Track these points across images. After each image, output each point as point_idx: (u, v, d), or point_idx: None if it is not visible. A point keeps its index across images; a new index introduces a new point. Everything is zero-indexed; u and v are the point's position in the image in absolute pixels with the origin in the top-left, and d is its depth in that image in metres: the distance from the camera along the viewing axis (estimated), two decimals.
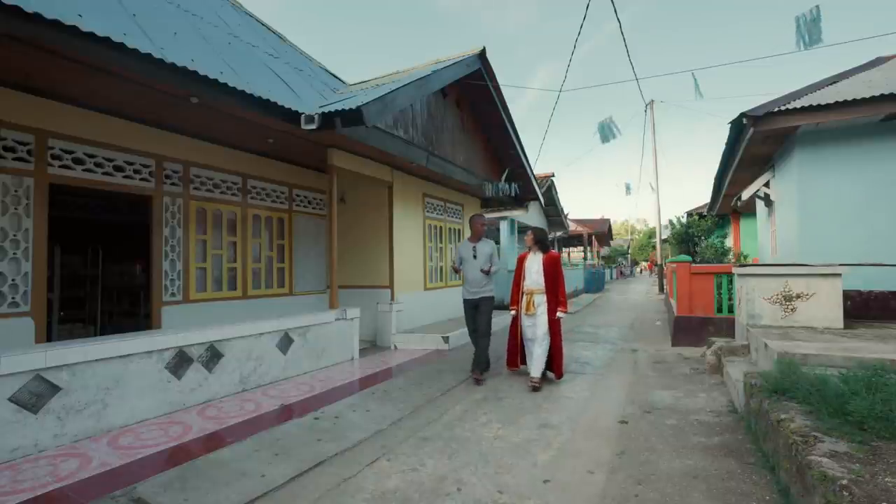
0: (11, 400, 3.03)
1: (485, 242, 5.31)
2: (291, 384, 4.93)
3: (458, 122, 8.63)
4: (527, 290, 4.94)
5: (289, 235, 7.28)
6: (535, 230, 5.12)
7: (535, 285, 4.90)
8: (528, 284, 4.94)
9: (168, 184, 5.54)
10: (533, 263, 4.98)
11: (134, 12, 4.51)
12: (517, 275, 5.08)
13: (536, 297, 4.89)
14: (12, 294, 4.17)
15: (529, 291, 4.92)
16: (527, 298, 4.92)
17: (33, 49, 3.40)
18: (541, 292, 4.88)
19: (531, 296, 4.90)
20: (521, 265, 5.09)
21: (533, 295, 4.90)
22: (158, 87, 4.14)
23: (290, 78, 6.52)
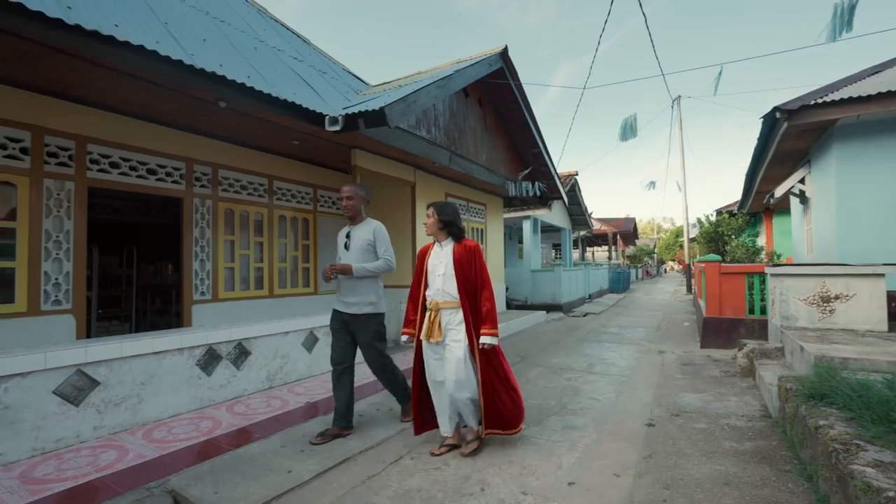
0: (56, 393, 3.18)
1: (365, 224, 3.57)
2: (317, 382, 5.01)
3: (480, 121, 8.61)
4: (429, 302, 3.13)
5: (314, 235, 7.40)
6: (439, 205, 3.23)
7: (440, 295, 3.07)
8: (431, 294, 3.13)
9: (197, 186, 5.70)
10: (438, 260, 3.16)
11: (166, 20, 4.66)
12: (415, 279, 3.30)
13: (445, 314, 3.06)
14: (55, 293, 4.37)
15: (433, 305, 3.09)
16: (429, 317, 3.10)
17: (75, 59, 3.55)
18: (452, 306, 3.05)
19: (435, 313, 3.07)
20: (420, 264, 3.30)
21: (439, 311, 3.06)
22: (189, 93, 4.27)
23: (314, 80, 6.62)
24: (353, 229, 3.61)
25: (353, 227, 3.62)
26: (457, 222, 3.20)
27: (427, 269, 3.22)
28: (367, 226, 3.58)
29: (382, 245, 3.54)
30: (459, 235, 3.20)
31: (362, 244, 3.50)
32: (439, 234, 3.22)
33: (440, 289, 3.09)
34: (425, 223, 3.24)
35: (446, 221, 3.19)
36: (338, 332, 3.56)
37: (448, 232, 3.20)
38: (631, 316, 11.53)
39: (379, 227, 3.58)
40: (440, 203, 3.25)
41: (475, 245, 3.16)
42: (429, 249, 3.29)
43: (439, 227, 3.20)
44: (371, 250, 3.52)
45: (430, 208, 3.23)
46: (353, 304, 3.48)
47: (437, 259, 3.18)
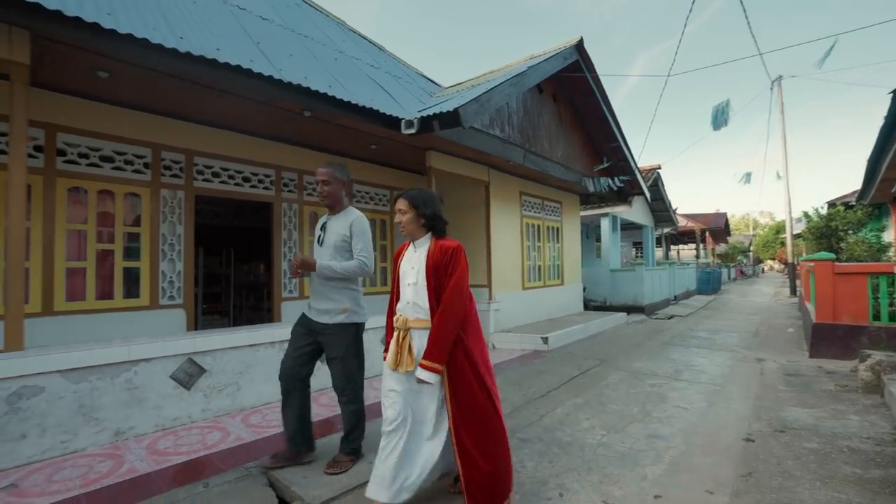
0: (171, 377, 3.60)
1: (344, 216, 2.93)
2: None
3: (554, 117, 8.39)
4: (396, 319, 2.41)
5: (390, 236, 7.66)
6: (415, 195, 2.45)
7: (411, 310, 2.37)
8: (400, 308, 2.43)
9: (286, 191, 6.15)
10: (410, 265, 2.44)
11: (258, 40, 5.08)
12: (392, 288, 2.57)
13: (417, 335, 2.34)
14: (170, 289, 4.94)
15: (401, 323, 2.37)
16: (397, 338, 2.36)
17: (185, 82, 4.00)
18: (424, 325, 2.33)
19: (404, 333, 2.35)
20: (395, 269, 2.58)
21: (409, 332, 2.35)
22: (278, 105, 4.62)
23: (390, 86, 6.85)
24: (329, 220, 2.97)
25: (331, 218, 2.97)
26: (441, 215, 2.45)
27: (399, 275, 2.51)
28: (344, 217, 2.90)
29: (359, 242, 2.83)
30: (442, 230, 2.46)
31: (336, 239, 2.85)
32: (418, 232, 2.45)
33: (410, 302, 2.37)
34: (398, 220, 2.46)
35: (429, 216, 2.41)
36: (297, 336, 2.92)
37: (429, 228, 2.44)
38: (723, 319, 10.60)
39: (358, 220, 2.87)
40: (416, 192, 2.45)
41: (456, 246, 2.35)
42: (403, 251, 2.55)
43: (421, 224, 2.43)
44: (346, 247, 2.85)
45: (403, 200, 2.42)
46: (325, 312, 2.84)
47: (409, 264, 2.43)
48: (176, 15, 4.36)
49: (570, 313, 9.82)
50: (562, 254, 9.86)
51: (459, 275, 2.28)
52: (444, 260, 2.32)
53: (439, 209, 2.46)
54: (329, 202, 2.94)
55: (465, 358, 2.27)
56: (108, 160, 4.61)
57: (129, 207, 4.77)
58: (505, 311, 7.57)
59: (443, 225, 2.46)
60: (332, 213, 2.98)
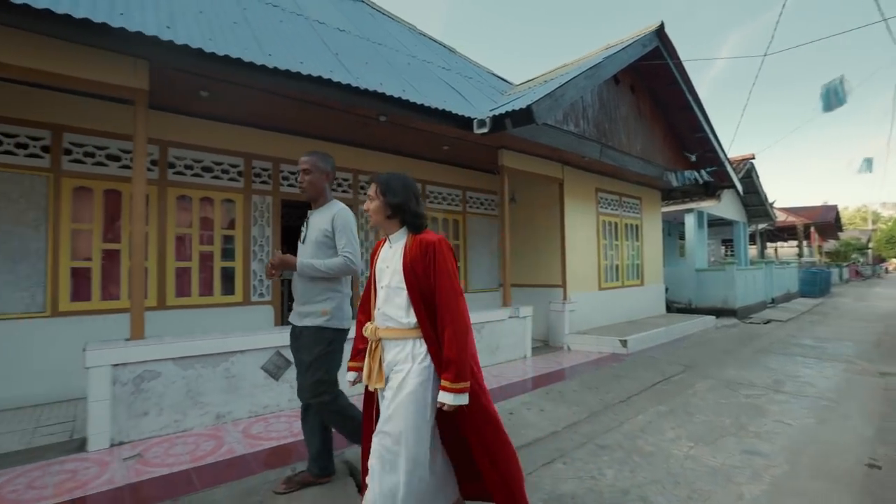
0: (262, 368, 3.91)
1: (326, 209, 2.65)
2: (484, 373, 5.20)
3: (633, 108, 7.96)
4: (366, 328, 2.07)
5: (463, 236, 7.73)
6: (383, 179, 2.07)
7: (381, 318, 2.03)
8: (376, 314, 2.06)
9: (362, 193, 6.42)
10: (385, 265, 2.07)
11: (336, 51, 5.35)
12: (366, 289, 2.21)
13: (390, 348, 2.01)
14: (260, 287, 5.37)
15: (371, 333, 2.03)
16: (369, 350, 2.06)
17: (276, 96, 4.32)
18: (396, 335, 1.99)
19: (376, 344, 2.03)
20: (371, 268, 2.19)
21: (380, 343, 2.03)
22: (355, 111, 4.84)
23: (462, 86, 6.90)
24: (311, 214, 2.70)
25: (313, 213, 2.70)
26: (410, 204, 2.01)
27: (374, 275, 2.13)
28: (327, 211, 2.62)
29: (343, 237, 2.54)
30: (417, 225, 2.03)
31: (317, 235, 2.58)
32: (387, 224, 2.06)
33: (381, 310, 2.01)
34: (365, 207, 2.11)
35: (395, 205, 2.00)
36: (293, 349, 2.70)
37: (402, 221, 2.04)
38: (833, 326, 9.42)
39: (341, 213, 2.58)
40: (388, 176, 2.06)
41: (437, 239, 1.95)
42: (379, 247, 2.18)
43: (386, 215, 2.03)
44: (328, 244, 2.56)
45: (373, 184, 2.06)
46: (305, 315, 2.57)
47: (384, 262, 2.06)
48: (265, 34, 4.72)
49: (651, 315, 9.27)
50: (641, 252, 9.34)
51: (448, 274, 1.92)
52: (423, 258, 1.92)
53: (411, 199, 2.02)
54: (310, 194, 2.65)
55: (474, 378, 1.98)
56: (208, 170, 5.12)
57: (225, 212, 5.26)
58: (580, 312, 7.32)
59: (414, 219, 2.02)
60: (315, 206, 2.70)
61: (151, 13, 3.78)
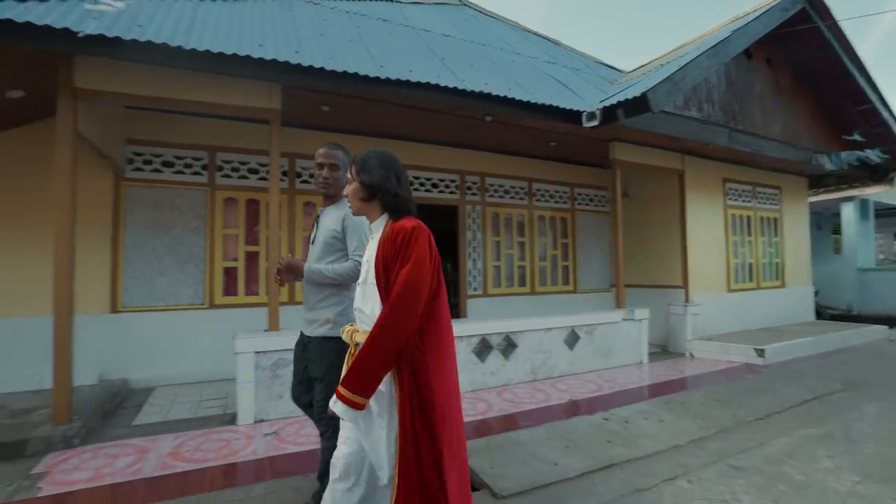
0: None
1: (336, 208, 2.37)
2: (578, 380, 5.01)
3: (769, 84, 6.96)
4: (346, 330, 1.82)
5: (572, 234, 7.46)
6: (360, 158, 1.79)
7: (359, 318, 1.79)
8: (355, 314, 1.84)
9: (469, 194, 6.53)
10: (367, 257, 1.84)
11: (442, 56, 5.50)
12: None
13: None
14: None
15: (348, 335, 1.79)
16: (349, 354, 1.77)
17: (385, 104, 4.60)
18: None
19: (353, 347, 1.74)
20: None
21: (357, 347, 1.71)
22: (460, 113, 4.93)
23: (568, 79, 6.65)
24: (322, 213, 2.45)
25: (324, 210, 2.45)
26: (387, 184, 1.72)
27: None
28: (336, 210, 2.34)
29: (354, 238, 2.26)
30: (395, 208, 1.73)
31: (326, 235, 2.32)
32: (367, 209, 1.79)
33: (358, 307, 1.78)
34: (345, 192, 1.85)
35: (370, 185, 1.73)
36: (296, 357, 2.48)
37: (382, 205, 1.75)
38: None
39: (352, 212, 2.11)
40: (366, 154, 1.79)
41: (413, 226, 1.63)
42: None
43: (362, 198, 1.77)
44: (336, 245, 2.29)
45: (353, 164, 1.80)
46: (311, 322, 2.34)
47: (367, 256, 1.82)
48: (377, 47, 5.03)
49: (795, 322, 8.01)
50: (782, 249, 8.12)
51: (413, 265, 1.55)
52: (394, 247, 1.61)
53: (389, 178, 1.72)
54: (333, 191, 2.38)
55: (416, 393, 1.54)
56: None
57: None
58: (705, 315, 6.61)
59: (393, 200, 1.72)
60: (327, 204, 2.44)
61: (282, 41, 4.26)
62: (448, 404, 1.60)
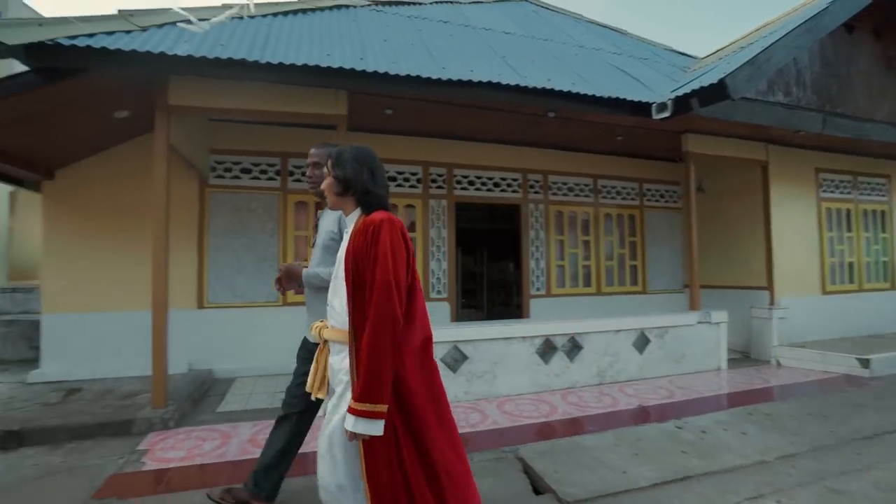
0: (442, 360, 4.22)
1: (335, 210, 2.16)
2: (648, 385, 4.77)
3: (877, 59, 6.19)
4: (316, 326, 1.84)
5: (640, 232, 7.11)
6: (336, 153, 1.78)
7: (332, 315, 1.74)
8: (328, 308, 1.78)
9: (531, 192, 6.43)
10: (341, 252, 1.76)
11: (503, 54, 5.45)
12: None
13: (334, 350, 1.72)
14: (437, 285, 5.83)
15: (317, 335, 1.81)
16: (318, 351, 1.82)
17: (447, 105, 4.64)
18: (339, 339, 1.67)
19: (324, 347, 1.78)
20: None
21: (326, 346, 1.77)
22: (522, 111, 4.85)
23: (636, 70, 6.33)
24: (322, 216, 2.41)
25: (322, 213, 2.42)
26: (360, 177, 1.68)
27: None
28: (334, 211, 2.22)
29: None
30: (367, 203, 1.70)
31: (325, 238, 2.28)
32: (342, 204, 1.76)
33: (329, 302, 1.75)
34: (322, 187, 1.81)
35: (343, 179, 1.70)
36: (299, 360, 2.49)
37: (356, 201, 1.72)
38: None
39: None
40: (339, 149, 1.78)
41: (381, 219, 1.58)
42: None
43: (336, 192, 1.73)
44: (334, 247, 2.16)
45: (328, 160, 1.77)
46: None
47: (341, 250, 1.75)
48: (438, 49, 5.08)
49: None
50: (891, 247, 7.21)
51: (387, 262, 1.51)
52: (364, 241, 1.56)
53: (362, 172, 1.68)
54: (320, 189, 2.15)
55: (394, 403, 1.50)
56: (392, 180, 5.76)
57: (406, 216, 5.84)
58: (794, 320, 6.01)
59: (364, 195, 1.69)
60: (324, 206, 2.39)
61: (348, 49, 4.42)
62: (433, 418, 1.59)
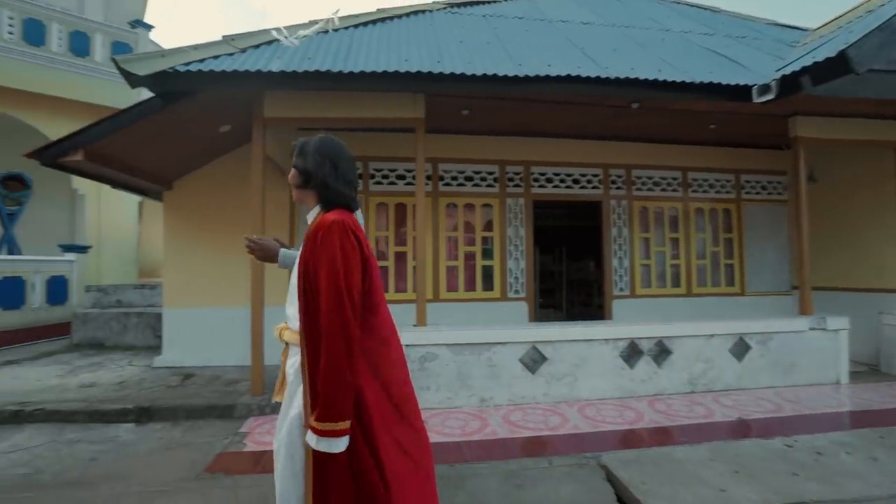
0: (520, 360, 4.17)
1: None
2: (749, 397, 4.33)
3: None
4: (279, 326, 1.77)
5: (738, 228, 6.49)
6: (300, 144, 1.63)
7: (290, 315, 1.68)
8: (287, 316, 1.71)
9: (613, 188, 6.14)
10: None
11: (582, 46, 5.25)
12: None
13: (292, 351, 1.67)
14: (515, 284, 5.77)
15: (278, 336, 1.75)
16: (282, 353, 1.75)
17: (524, 102, 4.58)
18: (295, 340, 1.62)
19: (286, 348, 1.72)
20: None
21: (287, 348, 1.71)
22: (604, 103, 4.65)
23: (732, 50, 5.78)
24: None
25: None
26: (321, 170, 1.55)
27: None
28: None
29: None
30: (326, 199, 1.57)
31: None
32: (304, 198, 1.65)
33: (287, 312, 1.71)
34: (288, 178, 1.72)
35: (303, 171, 1.59)
36: None
37: (317, 195, 1.60)
38: None
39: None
40: (306, 139, 1.64)
41: (331, 221, 1.45)
42: None
43: (296, 185, 1.63)
44: None
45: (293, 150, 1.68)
46: None
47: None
48: (514, 46, 5.02)
49: None
50: None
51: (331, 268, 1.39)
52: (313, 244, 1.46)
53: (324, 165, 1.56)
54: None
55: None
56: (469, 179, 5.80)
57: (483, 216, 5.85)
58: None
59: (324, 190, 1.56)
60: None
61: (425, 53, 4.51)
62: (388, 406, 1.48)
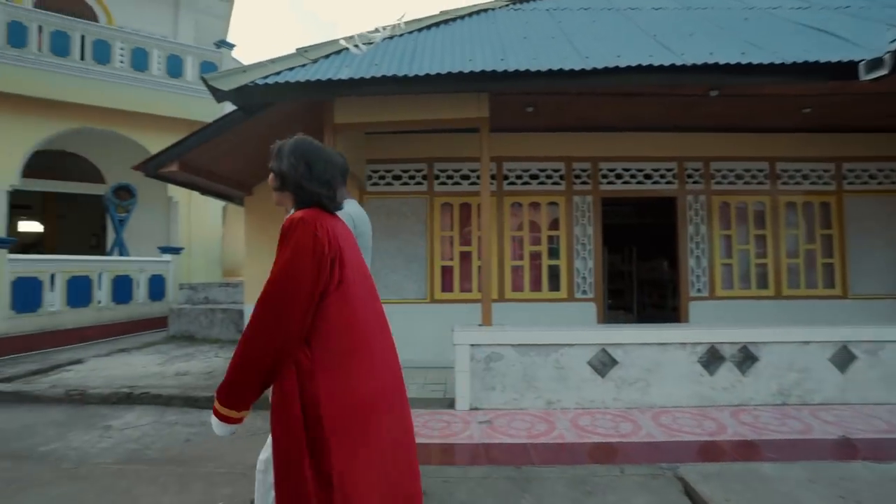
0: (588, 363, 4.04)
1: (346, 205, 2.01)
2: (854, 413, 3.87)
3: None
4: None
5: (838, 223, 5.83)
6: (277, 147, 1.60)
7: None
8: None
9: (689, 183, 5.75)
10: None
11: (654, 33, 4.97)
12: None
13: None
14: (583, 284, 5.59)
15: None
16: None
17: (592, 96, 4.44)
18: None
19: None
20: None
21: None
22: (678, 92, 4.38)
23: (831, 23, 5.19)
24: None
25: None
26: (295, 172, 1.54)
27: None
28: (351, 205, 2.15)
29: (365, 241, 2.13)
30: (300, 200, 1.56)
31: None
32: (282, 199, 1.64)
33: None
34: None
35: (279, 173, 1.58)
36: None
37: (294, 197, 1.59)
38: None
39: (360, 212, 2.16)
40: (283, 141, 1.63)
41: (293, 218, 1.44)
42: None
43: (274, 187, 1.63)
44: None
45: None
46: None
47: None
48: (580, 39, 4.85)
49: None
50: None
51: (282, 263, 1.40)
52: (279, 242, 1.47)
53: (299, 166, 1.54)
54: None
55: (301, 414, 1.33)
56: (534, 177, 5.70)
57: (549, 214, 5.72)
58: None
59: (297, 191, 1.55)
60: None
61: (489, 51, 4.49)
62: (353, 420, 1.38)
